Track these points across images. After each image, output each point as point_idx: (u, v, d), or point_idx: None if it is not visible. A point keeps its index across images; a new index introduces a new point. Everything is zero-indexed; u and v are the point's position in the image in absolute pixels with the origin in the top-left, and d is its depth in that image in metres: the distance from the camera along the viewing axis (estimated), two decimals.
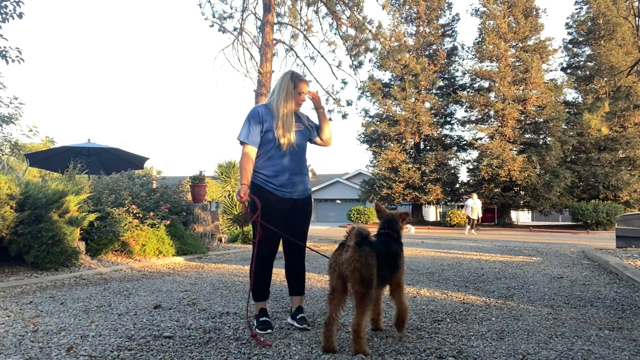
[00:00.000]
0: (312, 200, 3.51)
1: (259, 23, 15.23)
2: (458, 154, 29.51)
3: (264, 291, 3.19)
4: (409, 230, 17.80)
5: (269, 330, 3.01)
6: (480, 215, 19.38)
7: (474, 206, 18.69)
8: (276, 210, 3.11)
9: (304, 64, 15.33)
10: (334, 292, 2.64)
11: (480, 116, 27.60)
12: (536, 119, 26.15)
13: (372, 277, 2.57)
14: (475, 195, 19.46)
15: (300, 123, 3.24)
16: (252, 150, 3.14)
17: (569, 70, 29.46)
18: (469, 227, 18.92)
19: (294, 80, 3.17)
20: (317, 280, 5.32)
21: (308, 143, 3.35)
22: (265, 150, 3.15)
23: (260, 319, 3.09)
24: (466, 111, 28.53)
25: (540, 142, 26.03)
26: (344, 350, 2.65)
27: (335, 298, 2.63)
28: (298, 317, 3.17)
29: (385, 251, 2.77)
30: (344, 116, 14.65)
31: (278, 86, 3.20)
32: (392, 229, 3.03)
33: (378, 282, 2.68)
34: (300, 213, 3.24)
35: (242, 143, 3.14)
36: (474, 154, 28.30)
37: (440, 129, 29.36)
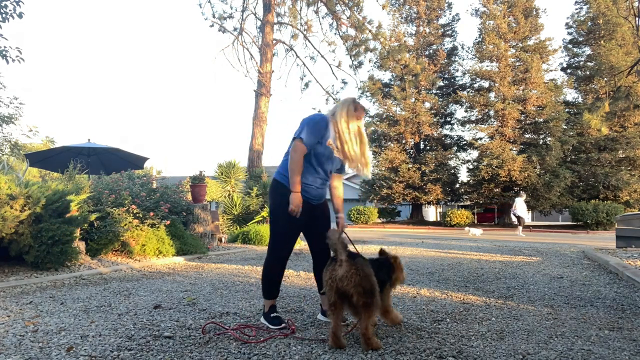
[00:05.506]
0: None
1: (259, 23, 15.24)
2: (458, 154, 29.50)
3: (275, 289, 3.30)
4: (476, 234, 16.63)
5: (283, 325, 3.13)
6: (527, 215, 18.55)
7: (523, 205, 17.96)
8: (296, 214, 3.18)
9: (304, 64, 15.34)
10: (335, 305, 2.71)
11: (480, 116, 27.59)
12: (536, 119, 26.14)
13: (374, 286, 2.67)
14: (524, 194, 18.78)
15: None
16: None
17: (569, 70, 29.45)
18: (521, 227, 17.98)
19: (355, 105, 3.24)
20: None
21: None
22: (308, 159, 3.16)
23: (272, 315, 3.22)
24: (466, 111, 28.54)
25: (540, 142, 26.02)
26: (345, 350, 2.66)
27: (337, 309, 2.71)
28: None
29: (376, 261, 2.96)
30: None
31: (340, 109, 3.23)
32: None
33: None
34: (320, 217, 3.33)
35: (300, 142, 3.06)
36: (474, 154, 28.31)
37: (440, 129, 29.36)
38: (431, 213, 37.04)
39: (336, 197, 3.46)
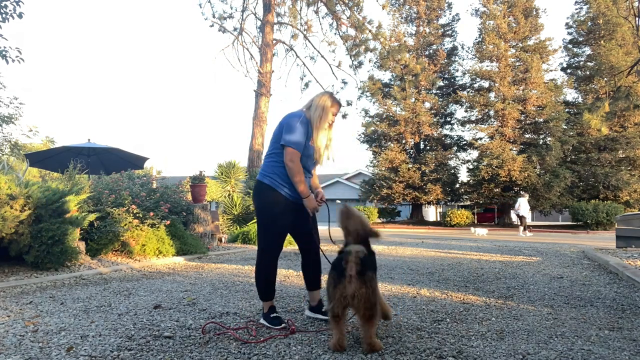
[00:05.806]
0: None
1: (259, 23, 15.24)
2: (458, 154, 29.53)
3: (272, 290, 3.32)
4: (481, 234, 16.58)
5: (282, 325, 3.15)
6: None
7: (526, 205, 17.97)
8: (283, 213, 3.23)
9: (304, 64, 15.34)
10: (339, 316, 2.68)
11: (480, 116, 27.60)
12: (536, 119, 26.16)
13: (377, 298, 2.69)
14: (526, 194, 18.80)
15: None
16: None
17: (569, 70, 29.47)
18: (522, 227, 18.02)
19: (332, 100, 3.29)
20: None
21: None
22: None
23: (271, 315, 3.24)
24: (466, 111, 28.57)
25: (540, 142, 26.04)
26: (345, 350, 2.66)
27: (341, 319, 2.70)
28: (324, 309, 3.33)
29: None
30: (344, 116, 14.66)
31: (316, 103, 3.25)
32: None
33: None
34: (307, 216, 3.35)
35: (293, 150, 3.11)
36: (474, 154, 28.34)
37: (440, 129, 29.37)
38: (431, 213, 37.04)
39: (312, 182, 3.47)
